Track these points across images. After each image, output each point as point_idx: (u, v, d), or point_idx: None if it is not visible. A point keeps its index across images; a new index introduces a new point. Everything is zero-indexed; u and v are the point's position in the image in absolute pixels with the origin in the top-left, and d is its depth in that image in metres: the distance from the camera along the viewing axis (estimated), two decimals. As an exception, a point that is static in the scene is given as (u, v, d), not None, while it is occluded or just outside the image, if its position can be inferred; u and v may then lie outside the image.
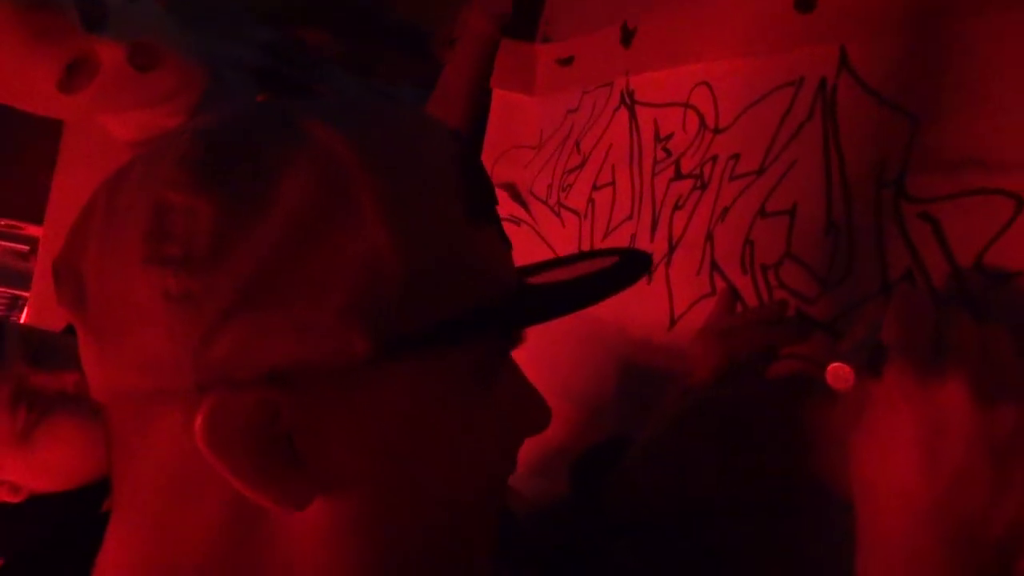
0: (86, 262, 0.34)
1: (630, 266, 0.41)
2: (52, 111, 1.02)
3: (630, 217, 0.79)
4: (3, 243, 2.36)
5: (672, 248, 0.73)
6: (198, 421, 0.31)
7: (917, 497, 0.40)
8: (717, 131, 0.70)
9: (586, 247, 0.85)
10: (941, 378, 0.40)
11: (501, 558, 0.56)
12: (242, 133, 0.34)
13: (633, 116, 0.81)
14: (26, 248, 2.36)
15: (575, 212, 0.88)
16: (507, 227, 1.07)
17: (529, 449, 0.88)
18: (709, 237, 0.69)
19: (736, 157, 0.67)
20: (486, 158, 1.06)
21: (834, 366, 0.41)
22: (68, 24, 0.86)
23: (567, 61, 0.94)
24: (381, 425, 0.35)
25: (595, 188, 0.86)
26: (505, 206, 1.02)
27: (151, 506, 0.36)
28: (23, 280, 2.23)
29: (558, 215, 0.92)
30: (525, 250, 0.96)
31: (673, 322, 0.72)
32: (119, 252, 0.32)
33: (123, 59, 0.93)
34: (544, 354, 0.90)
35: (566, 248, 0.89)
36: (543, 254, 0.92)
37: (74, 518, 0.86)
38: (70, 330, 0.90)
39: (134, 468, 0.36)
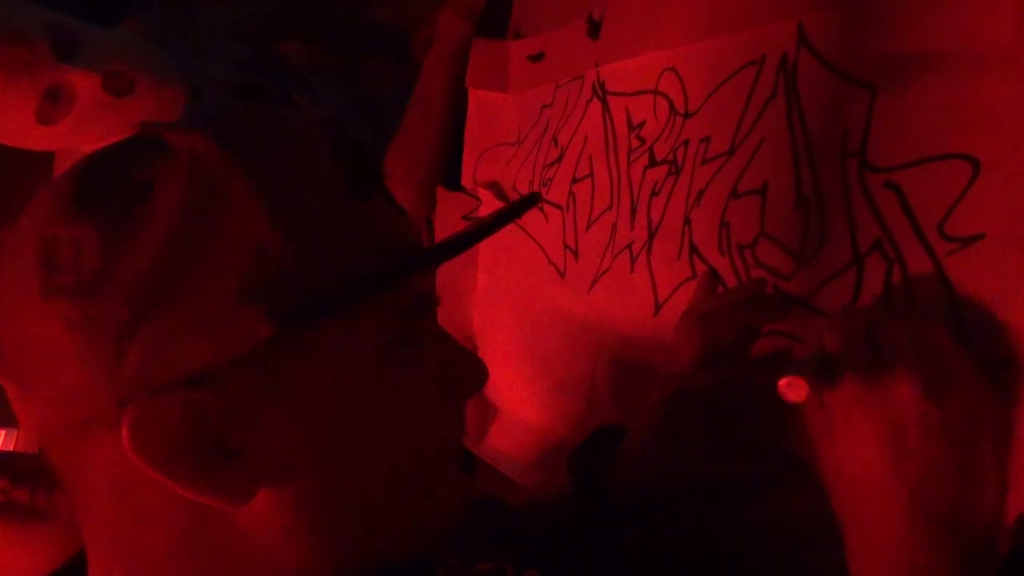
0: None
1: (516, 206, 0.43)
2: (35, 143, 1.02)
3: (610, 207, 0.80)
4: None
5: (652, 235, 0.73)
6: (124, 434, 0.32)
7: (892, 495, 0.41)
8: (687, 115, 0.70)
9: (569, 240, 0.86)
10: (886, 380, 0.42)
11: (504, 552, 0.57)
12: (111, 160, 0.36)
13: (606, 107, 0.81)
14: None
15: (557, 206, 0.89)
16: (492, 225, 1.06)
17: (528, 443, 0.89)
18: (687, 221, 0.69)
19: (707, 140, 0.67)
20: (468, 157, 1.07)
21: (785, 380, 0.42)
22: (40, 56, 0.87)
23: (538, 57, 0.94)
24: (308, 403, 0.36)
25: (574, 181, 0.86)
26: (489, 204, 1.02)
27: (113, 530, 0.37)
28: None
29: (541, 210, 0.92)
30: (510, 246, 0.96)
31: (658, 308, 0.72)
32: (18, 293, 0.34)
33: (99, 87, 0.94)
34: (536, 349, 0.90)
35: (551, 243, 0.89)
36: (529, 249, 0.92)
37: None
38: None
39: (87, 500, 0.37)
